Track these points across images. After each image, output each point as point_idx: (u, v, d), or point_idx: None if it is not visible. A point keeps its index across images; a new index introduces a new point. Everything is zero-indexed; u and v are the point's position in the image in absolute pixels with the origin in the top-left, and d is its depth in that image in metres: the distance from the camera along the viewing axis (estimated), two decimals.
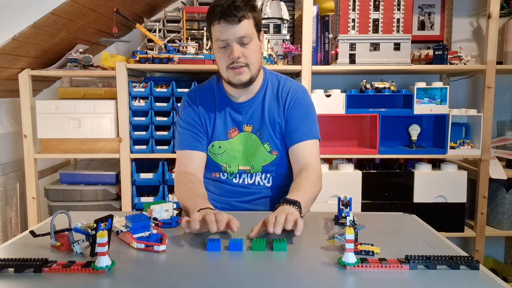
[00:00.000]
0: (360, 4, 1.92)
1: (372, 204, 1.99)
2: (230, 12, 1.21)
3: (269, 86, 1.39)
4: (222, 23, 1.22)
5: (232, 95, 1.37)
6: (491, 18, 1.93)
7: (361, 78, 2.15)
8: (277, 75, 1.43)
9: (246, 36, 1.24)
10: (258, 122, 1.36)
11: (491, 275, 0.82)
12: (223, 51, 1.26)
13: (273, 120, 1.36)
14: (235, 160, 1.37)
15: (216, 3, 1.24)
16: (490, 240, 2.32)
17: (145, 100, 1.96)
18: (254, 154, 1.37)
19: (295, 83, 1.41)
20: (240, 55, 1.25)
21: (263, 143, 1.36)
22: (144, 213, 1.09)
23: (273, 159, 1.37)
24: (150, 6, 2.19)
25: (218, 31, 1.24)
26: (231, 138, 1.37)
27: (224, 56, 1.26)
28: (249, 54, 1.26)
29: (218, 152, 1.37)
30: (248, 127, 1.37)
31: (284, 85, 1.39)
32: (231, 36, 1.23)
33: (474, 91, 2.35)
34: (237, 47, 1.24)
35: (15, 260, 0.84)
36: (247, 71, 1.28)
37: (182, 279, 0.81)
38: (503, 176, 2.00)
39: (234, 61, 1.25)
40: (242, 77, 1.27)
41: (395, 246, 0.98)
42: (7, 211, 2.04)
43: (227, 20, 1.21)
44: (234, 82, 1.29)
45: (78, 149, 1.97)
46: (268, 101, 1.37)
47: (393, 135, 2.15)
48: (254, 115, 1.36)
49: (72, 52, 1.97)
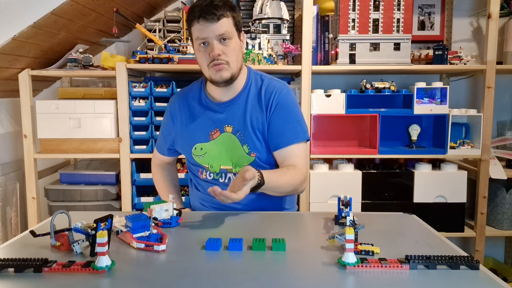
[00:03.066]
0: (360, 4, 1.92)
1: (372, 204, 1.99)
2: (208, 10, 1.23)
3: (252, 86, 1.38)
4: (202, 22, 1.24)
5: (215, 96, 1.38)
6: (491, 18, 1.93)
7: (361, 78, 2.15)
8: (262, 74, 1.42)
9: (225, 33, 1.25)
10: (238, 122, 1.36)
11: (491, 275, 0.82)
12: (203, 49, 1.28)
13: (255, 121, 1.35)
14: (217, 160, 1.38)
15: (195, 4, 1.26)
16: (490, 240, 2.32)
17: (145, 100, 1.96)
18: (235, 154, 1.37)
19: (278, 83, 1.40)
20: (221, 52, 1.26)
21: (242, 145, 1.36)
22: (144, 213, 1.09)
23: (251, 161, 1.36)
24: (150, 6, 2.19)
25: (197, 30, 1.26)
26: (213, 140, 1.38)
27: (205, 54, 1.28)
28: (229, 52, 1.27)
29: (200, 154, 1.39)
30: (229, 127, 1.37)
31: (268, 86, 1.37)
32: (210, 34, 1.25)
33: (474, 91, 2.35)
34: (217, 45, 1.26)
35: (15, 260, 0.84)
36: (227, 68, 1.28)
37: (182, 279, 0.81)
38: (503, 176, 2.00)
39: (215, 59, 1.26)
40: (223, 73, 1.28)
41: (395, 246, 0.98)
42: (7, 211, 2.04)
43: (206, 18, 1.23)
44: (215, 79, 1.30)
45: (78, 149, 1.97)
46: (250, 102, 1.36)
47: (393, 135, 2.15)
48: (235, 115, 1.36)
49: (72, 52, 1.97)
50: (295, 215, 1.32)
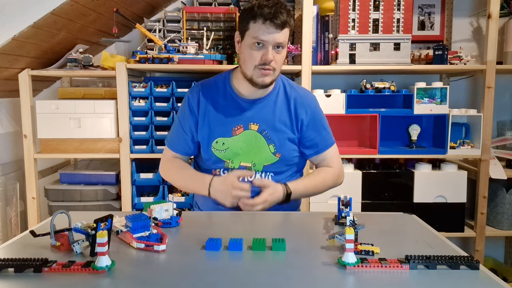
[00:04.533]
0: (360, 4, 1.92)
1: (372, 204, 1.99)
2: (278, 16, 1.23)
3: (281, 89, 1.43)
4: (268, 25, 1.24)
5: (243, 93, 1.39)
6: (491, 18, 1.93)
7: (361, 78, 2.15)
8: (286, 78, 1.47)
9: (283, 43, 1.29)
10: (265, 122, 1.38)
11: (491, 275, 0.82)
12: (256, 49, 1.28)
13: (283, 124, 1.39)
14: (238, 157, 1.38)
15: (261, 2, 1.25)
16: (490, 240, 2.32)
17: (145, 100, 1.96)
18: (258, 152, 1.38)
19: (306, 93, 1.47)
20: (273, 59, 1.28)
21: (269, 144, 1.38)
22: (144, 213, 1.09)
23: (275, 161, 1.39)
24: (150, 6, 2.19)
25: (260, 30, 1.25)
26: (236, 135, 1.38)
27: (257, 54, 1.28)
28: (279, 60, 1.31)
29: (221, 148, 1.38)
30: (254, 125, 1.38)
31: (297, 97, 1.42)
32: (271, 40, 1.26)
33: (474, 91, 2.35)
34: (272, 52, 1.27)
35: (15, 260, 0.84)
36: (272, 75, 1.31)
37: (182, 279, 0.81)
38: (503, 176, 2.00)
39: (266, 63, 1.28)
40: (266, 79, 1.31)
41: (395, 246, 0.98)
42: (7, 211, 2.04)
43: (274, 23, 1.23)
44: (257, 82, 1.31)
45: (78, 149, 1.97)
46: (279, 104, 1.40)
47: (393, 135, 2.15)
48: (263, 115, 1.38)
49: (72, 52, 1.97)
50: (295, 215, 1.32)
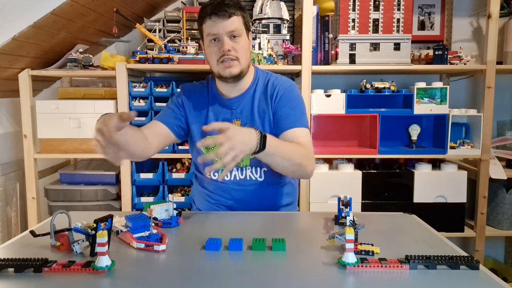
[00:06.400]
0: (360, 4, 1.92)
1: (372, 204, 1.99)
2: (220, 8, 1.27)
3: (259, 82, 1.43)
4: (213, 18, 1.28)
5: (223, 93, 1.41)
6: (491, 18, 1.93)
7: (361, 78, 2.15)
8: (268, 73, 1.47)
9: (235, 30, 1.30)
10: (246, 116, 1.39)
11: (491, 275, 0.82)
12: (213, 45, 1.31)
13: (262, 112, 1.38)
14: None
15: (207, 3, 1.31)
16: (490, 240, 2.32)
17: (145, 100, 1.96)
18: None
19: (284, 78, 1.45)
20: (231, 48, 1.29)
21: None
22: (144, 213, 1.09)
23: None
24: (150, 6, 2.19)
25: (209, 26, 1.30)
26: None
27: (215, 50, 1.31)
28: (239, 48, 1.31)
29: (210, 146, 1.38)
30: (238, 121, 1.39)
31: (274, 80, 1.42)
32: (221, 30, 1.28)
33: (474, 91, 2.35)
34: (228, 41, 1.29)
35: (15, 260, 0.84)
36: (237, 65, 1.31)
37: (182, 279, 0.81)
38: (503, 176, 2.00)
39: (225, 54, 1.29)
40: (232, 69, 1.31)
41: (395, 246, 0.98)
42: (7, 211, 2.04)
43: (218, 15, 1.27)
44: (224, 75, 1.32)
45: (78, 149, 1.97)
46: (257, 96, 1.40)
47: (393, 135, 2.15)
48: (244, 110, 1.39)
49: (72, 52, 1.97)
50: (295, 215, 1.32)
